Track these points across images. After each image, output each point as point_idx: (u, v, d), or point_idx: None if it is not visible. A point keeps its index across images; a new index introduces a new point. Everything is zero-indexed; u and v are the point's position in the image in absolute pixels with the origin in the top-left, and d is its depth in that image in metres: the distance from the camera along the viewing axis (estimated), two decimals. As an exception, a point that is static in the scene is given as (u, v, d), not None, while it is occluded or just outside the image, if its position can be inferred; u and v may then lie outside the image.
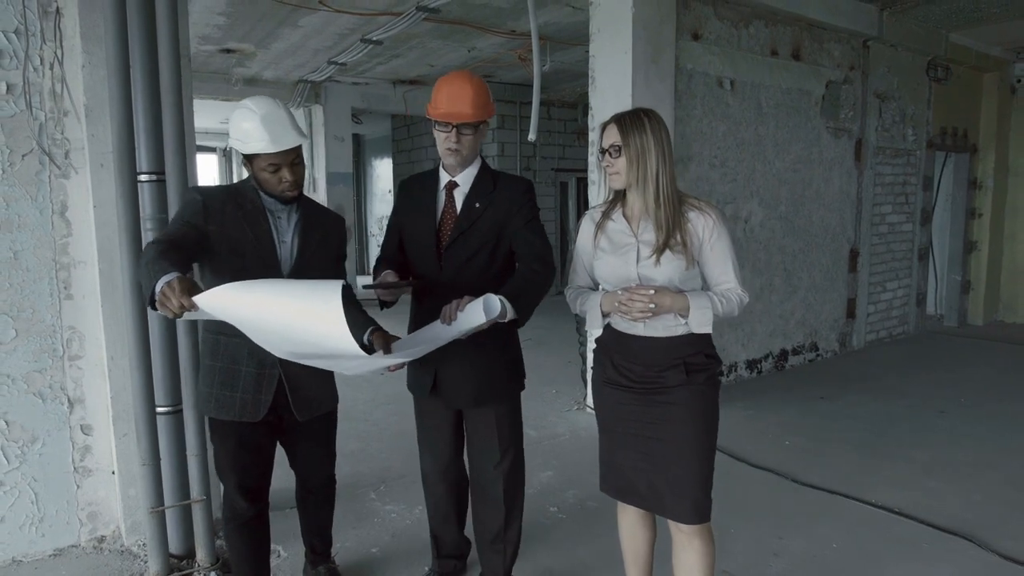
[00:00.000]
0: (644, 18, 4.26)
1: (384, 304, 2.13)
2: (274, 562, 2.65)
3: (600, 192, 2.12)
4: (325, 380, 2.17)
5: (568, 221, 10.49)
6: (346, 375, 2.09)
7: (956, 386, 5.24)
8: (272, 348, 1.82)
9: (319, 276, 1.79)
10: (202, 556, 2.63)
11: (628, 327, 1.97)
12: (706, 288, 1.99)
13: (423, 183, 2.23)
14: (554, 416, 4.49)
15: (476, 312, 1.82)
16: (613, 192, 2.03)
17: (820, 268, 6.03)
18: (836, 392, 5.09)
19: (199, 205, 1.97)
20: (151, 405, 2.50)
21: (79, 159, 2.65)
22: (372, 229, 12.86)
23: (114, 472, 2.79)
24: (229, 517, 2.22)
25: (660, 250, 1.89)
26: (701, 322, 1.90)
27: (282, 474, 2.42)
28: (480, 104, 2.06)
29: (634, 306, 1.85)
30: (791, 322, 5.82)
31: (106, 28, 2.37)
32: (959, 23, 6.42)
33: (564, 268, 2.80)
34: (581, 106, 9.87)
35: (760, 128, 5.36)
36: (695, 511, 1.92)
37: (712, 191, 4.99)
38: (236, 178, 13.37)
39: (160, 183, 2.45)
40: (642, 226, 1.95)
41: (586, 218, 2.12)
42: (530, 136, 4.27)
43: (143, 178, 2.44)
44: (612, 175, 1.96)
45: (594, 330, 2.09)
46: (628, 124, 1.91)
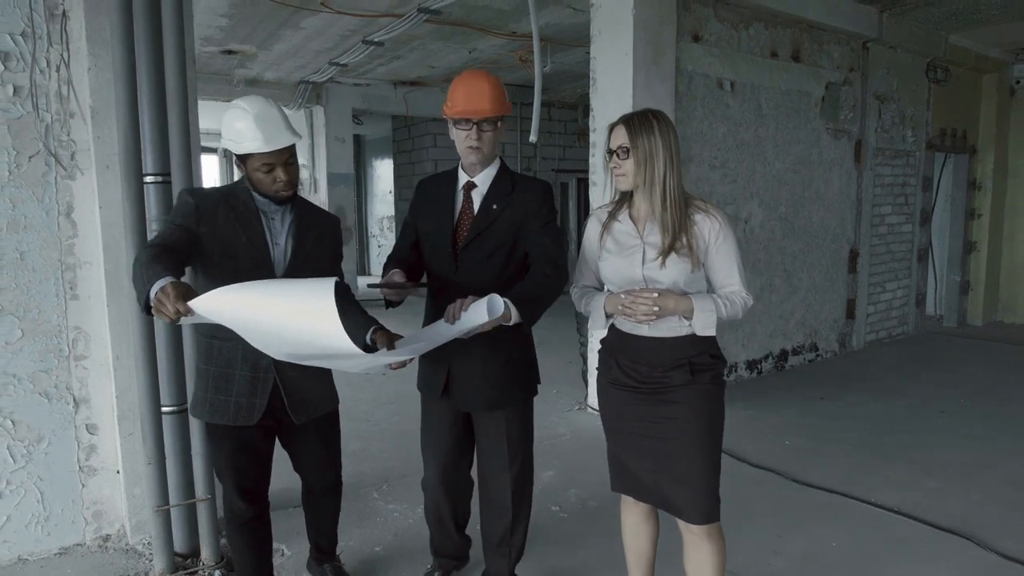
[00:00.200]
0: (645, 20, 4.28)
1: (389, 304, 2.11)
2: (277, 561, 2.67)
3: (607, 192, 2.08)
4: (322, 382, 2.15)
5: (568, 222, 10.51)
6: (349, 375, 2.10)
7: (955, 386, 5.26)
8: (271, 350, 1.81)
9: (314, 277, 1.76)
10: (207, 555, 2.65)
11: (632, 328, 1.97)
12: (711, 291, 1.99)
13: (441, 183, 2.21)
14: (555, 416, 4.51)
15: (480, 312, 1.82)
16: (619, 192, 2.01)
17: (820, 269, 6.05)
18: (836, 392, 5.11)
19: (190, 207, 1.95)
20: (156, 404, 2.51)
21: (85, 160, 2.67)
22: (373, 230, 12.87)
23: (119, 471, 2.81)
24: (230, 518, 2.23)
25: (666, 252, 1.88)
26: (705, 325, 1.89)
27: (284, 473, 2.44)
28: (498, 100, 2.05)
29: (638, 309, 1.85)
30: (791, 322, 5.84)
31: (112, 31, 2.39)
32: (958, 25, 6.44)
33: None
34: (581, 107, 9.90)
35: (760, 129, 5.38)
36: (703, 511, 1.93)
37: (712, 192, 5.01)
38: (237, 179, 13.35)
39: (166, 184, 2.47)
40: (648, 228, 1.94)
41: (592, 218, 2.11)
42: (531, 137, 4.28)
43: (149, 179, 2.46)
44: (619, 176, 1.95)
45: (598, 330, 2.09)
46: (637, 126, 1.89)
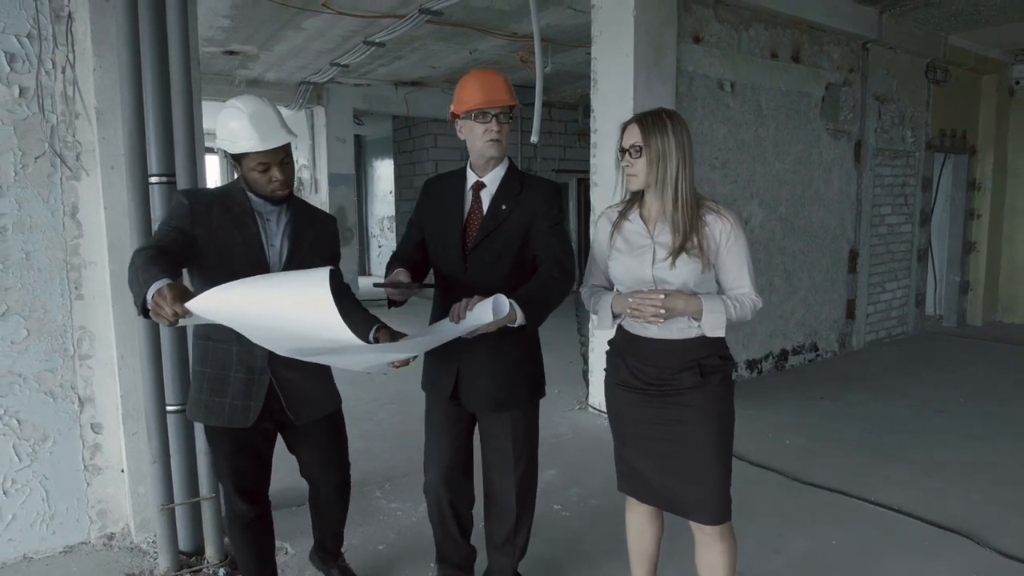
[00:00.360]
0: (645, 21, 4.30)
1: (393, 303, 2.08)
2: (281, 559, 2.69)
3: (617, 192, 2.06)
4: (323, 382, 2.13)
5: (568, 222, 10.53)
6: (351, 374, 2.08)
7: (955, 386, 5.27)
8: (274, 347, 1.79)
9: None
10: (211, 553, 2.67)
11: (641, 329, 1.96)
12: (720, 292, 1.98)
13: (449, 183, 2.20)
14: (557, 416, 4.52)
15: (485, 312, 1.81)
16: (630, 192, 2.00)
17: (820, 269, 6.07)
18: (836, 392, 5.13)
19: (185, 209, 1.93)
20: (161, 403, 2.53)
21: (90, 161, 2.68)
22: (373, 230, 12.89)
23: (123, 470, 2.83)
24: (231, 518, 2.23)
25: (676, 253, 1.87)
26: (714, 326, 1.89)
27: (286, 473, 2.46)
28: (512, 92, 2.06)
29: (645, 310, 1.84)
30: (791, 322, 5.86)
31: (118, 32, 2.41)
32: (958, 25, 6.46)
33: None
34: (582, 107, 9.92)
35: (760, 130, 5.40)
36: (714, 512, 1.93)
37: (713, 192, 5.03)
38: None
39: (170, 185, 2.48)
40: (659, 228, 1.93)
41: (603, 217, 2.10)
42: (533, 138, 4.30)
43: (154, 180, 2.48)
44: (630, 176, 1.93)
45: (605, 331, 2.08)
46: (650, 125, 1.88)
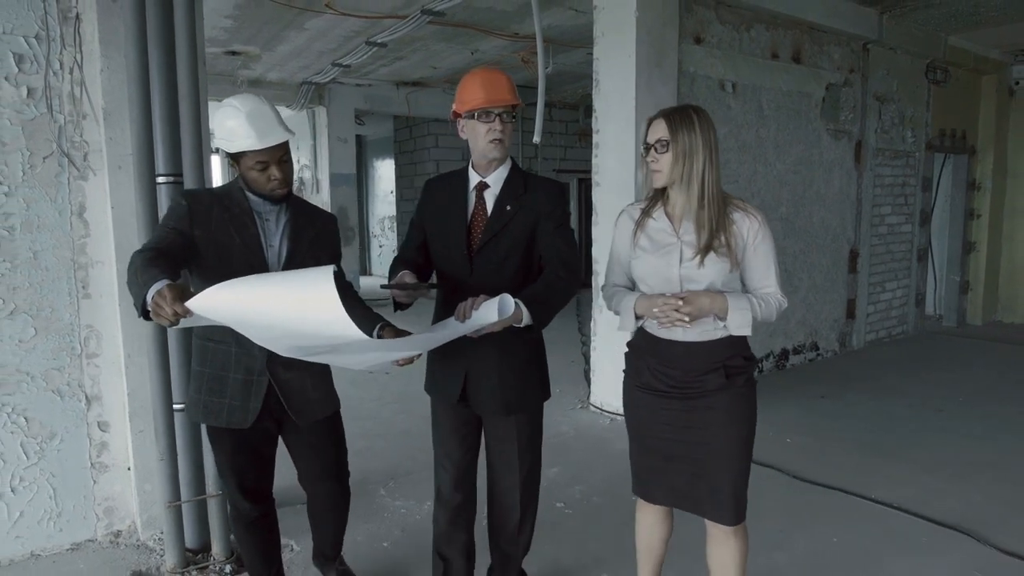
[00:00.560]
0: (647, 22, 4.32)
1: (399, 306, 2.05)
2: (286, 556, 2.70)
3: (643, 190, 2.03)
4: (321, 382, 2.12)
5: (571, 222, 10.55)
6: (353, 374, 2.06)
7: (955, 385, 5.30)
8: (275, 346, 1.78)
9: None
10: (217, 550, 2.69)
11: (664, 331, 1.93)
12: (744, 292, 1.95)
13: (451, 184, 2.16)
14: (559, 415, 4.54)
15: (490, 311, 1.80)
16: (653, 189, 1.96)
17: (820, 269, 6.09)
18: (836, 391, 5.15)
19: (184, 210, 1.92)
20: (168, 401, 2.55)
21: (97, 161, 2.71)
22: (374, 230, 12.91)
23: (130, 468, 2.84)
24: (235, 517, 2.24)
25: (704, 251, 1.85)
26: (740, 324, 1.86)
27: (292, 471, 2.47)
28: (515, 91, 2.03)
29: (670, 315, 1.82)
30: (791, 322, 5.88)
31: (126, 33, 2.43)
32: (958, 26, 6.49)
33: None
34: (582, 107, 9.94)
35: (761, 130, 5.42)
36: (734, 513, 1.93)
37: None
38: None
39: (178, 184, 2.51)
40: (685, 226, 1.90)
41: (624, 215, 2.06)
42: (535, 138, 4.31)
43: (161, 180, 2.50)
44: (655, 172, 1.90)
45: (626, 331, 2.03)
46: (677, 120, 1.85)
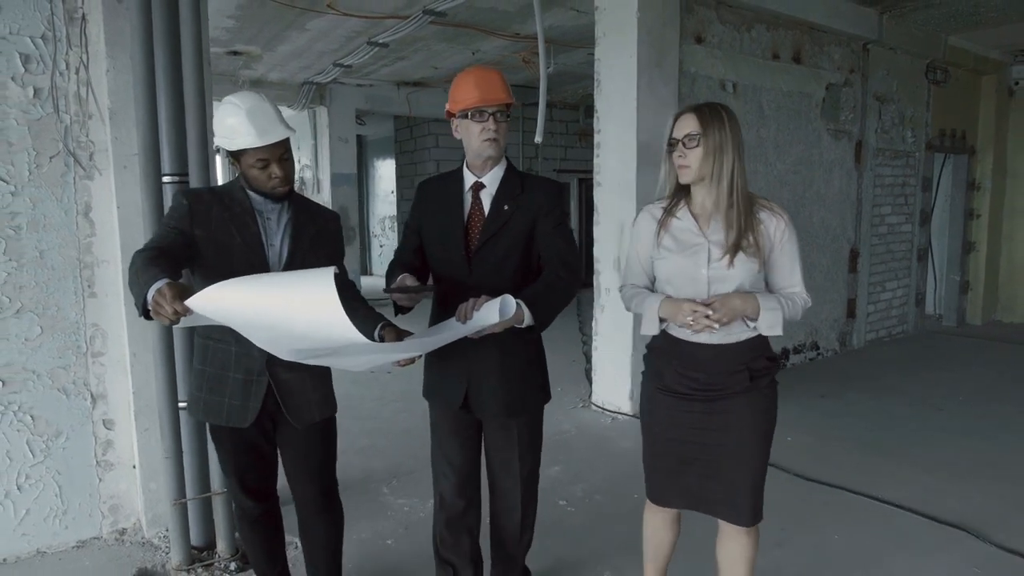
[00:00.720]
0: (648, 22, 4.34)
1: (400, 310, 2.02)
2: (291, 553, 2.71)
3: (664, 187, 1.99)
4: (321, 384, 2.09)
5: (570, 221, 10.57)
6: (354, 373, 2.03)
7: (955, 385, 5.32)
8: (275, 348, 1.77)
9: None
10: (222, 547, 2.70)
11: (688, 333, 1.90)
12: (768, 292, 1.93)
13: (446, 184, 2.13)
14: (560, 414, 4.56)
15: (491, 312, 1.78)
16: (673, 188, 1.93)
17: (820, 268, 6.10)
18: (836, 390, 5.17)
19: (184, 209, 1.91)
20: (174, 400, 2.57)
21: (103, 161, 2.72)
22: (375, 230, 12.93)
23: (135, 466, 2.86)
24: (239, 514, 2.25)
25: (733, 251, 1.81)
26: (771, 324, 1.84)
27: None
28: (508, 89, 2.01)
29: (702, 322, 1.79)
30: (792, 321, 5.89)
31: (132, 34, 2.45)
32: (957, 26, 6.51)
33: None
34: (583, 108, 9.95)
35: (762, 130, 5.44)
36: (753, 513, 1.93)
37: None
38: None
39: (183, 184, 2.52)
40: (712, 225, 1.87)
41: (644, 214, 2.01)
42: (537, 138, 4.33)
43: (167, 179, 2.52)
44: (682, 168, 1.85)
45: (648, 333, 1.99)
46: (708, 115, 1.82)
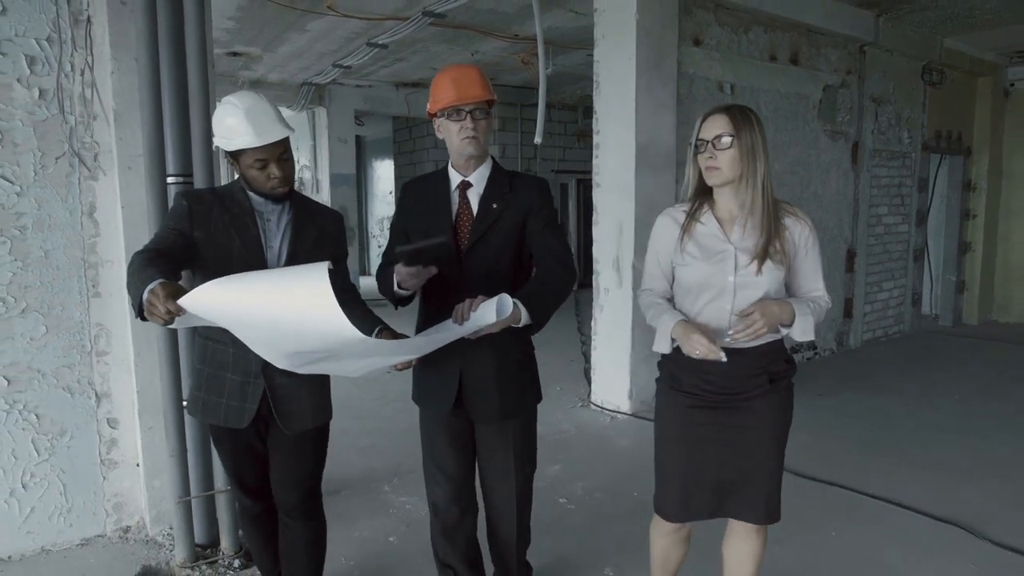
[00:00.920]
0: (647, 25, 4.37)
1: (401, 302, 2.01)
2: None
3: (687, 189, 1.93)
4: (317, 390, 2.04)
5: (568, 222, 10.61)
6: (354, 377, 1.98)
7: (951, 384, 5.35)
8: (271, 353, 1.74)
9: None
10: (226, 545, 2.73)
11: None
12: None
13: (431, 185, 2.09)
14: (560, 413, 4.59)
15: (489, 312, 1.75)
16: (693, 191, 1.89)
17: (818, 268, 6.13)
18: (834, 389, 5.20)
19: (184, 211, 1.90)
20: (178, 398, 2.59)
21: (107, 162, 2.74)
22: (373, 230, 12.96)
23: (138, 464, 2.88)
24: (240, 512, 2.27)
25: (761, 258, 1.78)
26: (805, 330, 1.81)
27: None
28: (486, 85, 1.96)
29: (747, 333, 1.76)
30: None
31: (138, 35, 2.47)
32: (953, 29, 6.55)
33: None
34: (581, 108, 9.99)
35: (759, 131, 5.46)
36: (769, 512, 1.93)
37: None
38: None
39: (188, 185, 2.54)
40: (737, 231, 1.83)
41: (665, 218, 1.95)
42: (536, 139, 4.36)
43: (171, 180, 2.54)
44: (711, 169, 1.79)
45: (659, 350, 1.95)
46: (740, 117, 1.77)
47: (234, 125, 1.84)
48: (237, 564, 2.69)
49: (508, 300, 1.77)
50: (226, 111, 1.86)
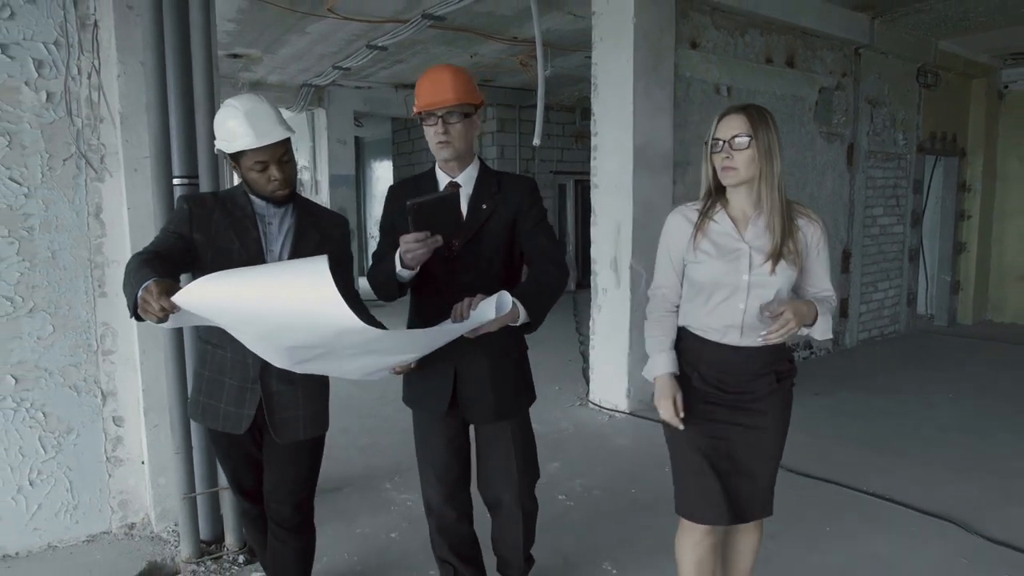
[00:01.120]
0: (644, 27, 4.42)
1: (396, 289, 1.96)
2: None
3: (703, 188, 1.93)
4: (311, 402, 2.01)
5: (567, 223, 10.66)
6: (353, 379, 1.96)
7: (946, 383, 5.41)
8: (267, 351, 1.73)
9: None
10: (230, 541, 2.77)
11: (718, 336, 1.88)
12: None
13: (419, 185, 2.07)
14: (558, 412, 4.64)
15: (488, 310, 1.75)
16: (708, 190, 1.89)
17: (814, 269, 6.18)
18: (829, 388, 5.25)
19: (185, 214, 1.89)
20: (184, 397, 2.62)
21: (114, 163, 2.79)
22: (372, 231, 13.00)
23: (144, 462, 2.92)
24: (241, 512, 2.31)
25: (775, 257, 1.79)
26: (824, 330, 1.83)
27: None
28: (462, 89, 1.91)
29: (781, 332, 1.75)
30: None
31: (144, 40, 2.51)
32: (948, 31, 6.61)
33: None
34: (579, 110, 10.03)
35: (756, 133, 5.51)
36: (768, 506, 1.98)
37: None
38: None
39: (193, 186, 2.58)
40: (751, 230, 1.83)
41: (677, 216, 1.94)
42: (535, 140, 4.41)
43: (177, 182, 2.58)
44: (727, 169, 1.78)
45: (648, 377, 1.98)
46: (757, 116, 1.76)
47: (234, 127, 1.83)
48: (242, 560, 2.73)
49: (507, 298, 1.77)
50: (227, 114, 1.86)
